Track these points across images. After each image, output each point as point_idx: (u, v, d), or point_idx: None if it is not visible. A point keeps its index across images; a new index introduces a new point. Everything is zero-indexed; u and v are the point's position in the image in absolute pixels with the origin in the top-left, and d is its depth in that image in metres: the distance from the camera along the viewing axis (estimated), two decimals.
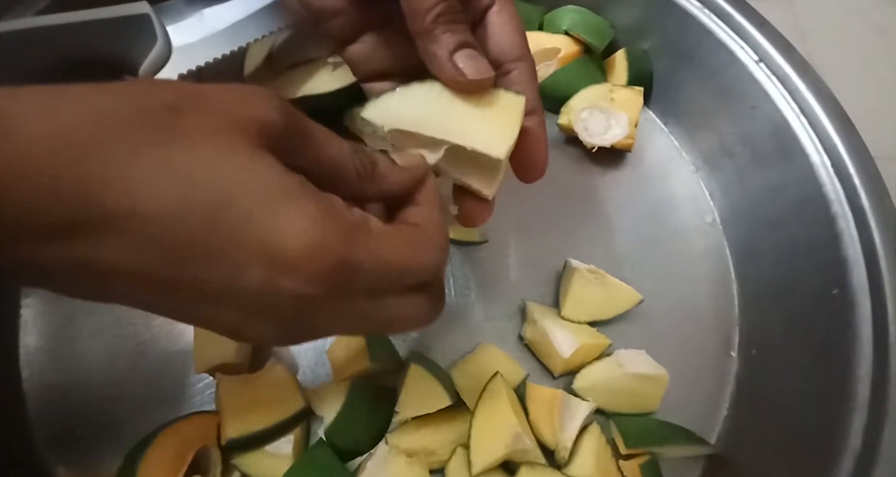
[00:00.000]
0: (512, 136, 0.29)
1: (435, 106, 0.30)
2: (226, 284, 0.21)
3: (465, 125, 0.29)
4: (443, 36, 0.29)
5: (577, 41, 0.54)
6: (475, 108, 0.30)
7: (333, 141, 0.25)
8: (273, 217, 0.20)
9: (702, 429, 0.45)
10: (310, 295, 0.21)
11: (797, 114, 0.46)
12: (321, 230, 0.21)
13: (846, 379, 0.40)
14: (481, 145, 0.29)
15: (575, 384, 0.44)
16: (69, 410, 0.44)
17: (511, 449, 0.39)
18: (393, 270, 0.24)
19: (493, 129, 0.29)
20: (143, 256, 0.20)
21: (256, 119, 0.22)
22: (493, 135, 0.29)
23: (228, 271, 0.20)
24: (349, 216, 0.23)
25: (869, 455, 0.37)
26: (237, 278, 0.21)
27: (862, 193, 0.43)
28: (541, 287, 0.48)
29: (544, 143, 0.33)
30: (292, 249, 0.21)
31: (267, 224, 0.20)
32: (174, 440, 0.39)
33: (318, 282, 0.21)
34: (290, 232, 0.21)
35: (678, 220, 0.53)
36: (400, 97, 0.30)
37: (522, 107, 0.30)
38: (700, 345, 0.48)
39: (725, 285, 0.51)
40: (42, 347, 0.45)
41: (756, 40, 0.49)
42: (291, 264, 0.21)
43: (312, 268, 0.21)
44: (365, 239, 0.23)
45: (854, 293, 0.41)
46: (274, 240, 0.20)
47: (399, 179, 0.28)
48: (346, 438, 0.41)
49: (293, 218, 0.21)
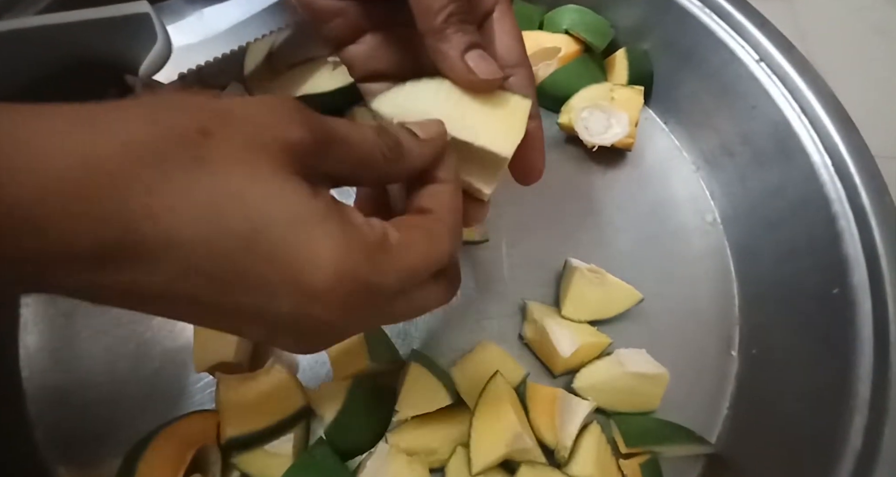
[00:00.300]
0: (518, 136, 0.30)
1: (444, 102, 0.30)
2: (259, 308, 0.22)
3: (473, 123, 0.29)
4: (454, 35, 0.29)
5: (578, 40, 0.54)
6: (483, 108, 0.30)
7: (357, 134, 0.25)
8: (301, 246, 0.21)
9: (702, 428, 0.45)
10: (335, 319, 0.23)
11: (798, 113, 0.46)
12: (347, 258, 0.22)
13: (847, 378, 0.39)
14: (489, 143, 0.29)
15: (575, 383, 0.44)
16: (69, 409, 0.44)
17: (511, 448, 0.39)
18: (414, 273, 0.25)
19: (500, 128, 0.30)
20: (179, 280, 0.20)
21: (284, 140, 0.22)
22: (500, 134, 0.29)
23: (262, 297, 0.21)
24: (371, 235, 0.24)
25: (869, 455, 0.37)
26: (269, 304, 0.21)
27: (862, 193, 0.43)
28: (541, 286, 0.48)
29: (542, 148, 0.33)
30: (320, 280, 0.21)
31: (295, 252, 0.21)
32: (174, 439, 0.39)
33: (344, 308, 0.22)
34: (317, 263, 0.21)
35: (678, 219, 0.53)
36: (410, 91, 0.31)
37: (528, 109, 0.30)
38: (700, 344, 0.48)
39: (726, 285, 0.51)
40: (42, 347, 0.45)
41: (756, 40, 0.49)
42: (319, 294, 0.22)
43: (339, 295, 0.22)
44: (387, 258, 0.24)
45: (855, 292, 0.41)
46: (302, 269, 0.21)
47: (422, 154, 0.28)
48: (346, 437, 0.41)
49: (319, 247, 0.21)
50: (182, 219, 0.20)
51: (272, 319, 0.22)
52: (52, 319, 0.46)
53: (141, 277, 0.20)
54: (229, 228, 0.20)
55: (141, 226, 0.19)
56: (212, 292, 0.21)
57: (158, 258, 0.20)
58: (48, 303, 0.46)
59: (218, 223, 0.20)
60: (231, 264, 0.20)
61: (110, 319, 0.46)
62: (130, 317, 0.46)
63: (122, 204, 0.19)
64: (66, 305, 0.46)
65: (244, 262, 0.20)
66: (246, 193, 0.21)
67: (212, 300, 0.21)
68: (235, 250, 0.20)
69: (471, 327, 0.46)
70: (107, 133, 0.19)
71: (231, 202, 0.20)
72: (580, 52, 0.54)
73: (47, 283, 0.19)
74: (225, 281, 0.21)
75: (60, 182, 0.18)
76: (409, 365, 0.42)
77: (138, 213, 0.19)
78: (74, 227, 0.18)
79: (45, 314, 0.46)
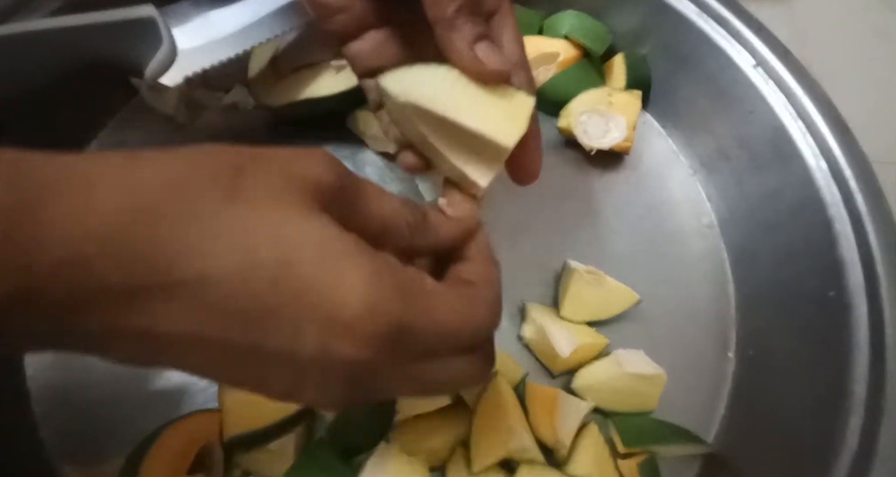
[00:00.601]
0: (521, 130, 0.30)
1: (451, 88, 0.30)
2: (283, 347, 0.21)
3: (478, 110, 0.30)
4: (465, 26, 0.30)
5: (577, 45, 0.54)
6: (489, 98, 0.30)
7: (384, 196, 0.26)
8: (330, 278, 0.20)
9: (699, 428, 0.45)
10: (363, 359, 0.21)
11: (794, 118, 0.46)
12: (377, 292, 0.21)
13: (843, 379, 0.40)
14: (493, 132, 0.29)
15: (574, 384, 0.44)
16: (74, 408, 0.44)
17: (510, 448, 0.39)
18: (448, 331, 0.24)
19: (504, 119, 0.30)
20: (207, 319, 0.20)
21: (313, 179, 0.22)
22: (503, 124, 0.29)
23: (286, 334, 0.20)
24: (404, 275, 0.23)
25: (865, 455, 0.37)
26: (294, 341, 0.21)
27: (858, 197, 0.43)
28: (540, 287, 0.49)
29: (539, 148, 0.34)
30: (349, 312, 0.20)
31: (325, 286, 0.20)
32: (177, 438, 0.39)
33: (373, 345, 0.21)
34: (347, 295, 0.20)
35: (676, 222, 0.53)
36: (418, 73, 0.31)
37: (533, 106, 0.30)
38: (697, 345, 0.49)
39: (722, 287, 0.51)
40: None
41: (753, 45, 0.49)
42: (347, 327, 0.21)
43: (368, 331, 0.21)
44: (421, 299, 0.23)
45: (851, 295, 0.41)
46: (331, 302, 0.20)
47: (450, 231, 0.28)
48: (347, 437, 0.41)
49: (350, 279, 0.21)
50: (212, 254, 0.20)
51: (299, 361, 0.21)
52: None
53: (165, 316, 0.19)
54: (258, 263, 0.20)
55: (171, 263, 0.19)
56: (236, 332, 0.20)
57: (179, 296, 0.19)
58: None
59: (250, 258, 0.20)
60: (258, 301, 0.20)
61: None
62: None
63: (159, 243, 0.19)
64: None
65: (272, 297, 0.20)
66: (278, 227, 0.20)
67: (235, 341, 0.20)
68: (263, 286, 0.20)
69: None
70: (146, 174, 0.20)
71: (263, 236, 0.20)
72: (579, 57, 0.54)
73: (73, 323, 0.19)
74: (250, 319, 0.20)
75: (101, 224, 0.18)
76: None
77: (171, 247, 0.19)
78: (109, 264, 0.18)
79: None
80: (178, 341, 0.20)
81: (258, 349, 0.21)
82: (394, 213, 0.26)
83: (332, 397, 0.23)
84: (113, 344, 0.20)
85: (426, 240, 0.27)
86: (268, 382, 0.22)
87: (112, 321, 0.19)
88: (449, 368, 0.25)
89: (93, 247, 0.18)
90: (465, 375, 0.26)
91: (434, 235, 0.27)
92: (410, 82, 0.30)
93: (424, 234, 0.27)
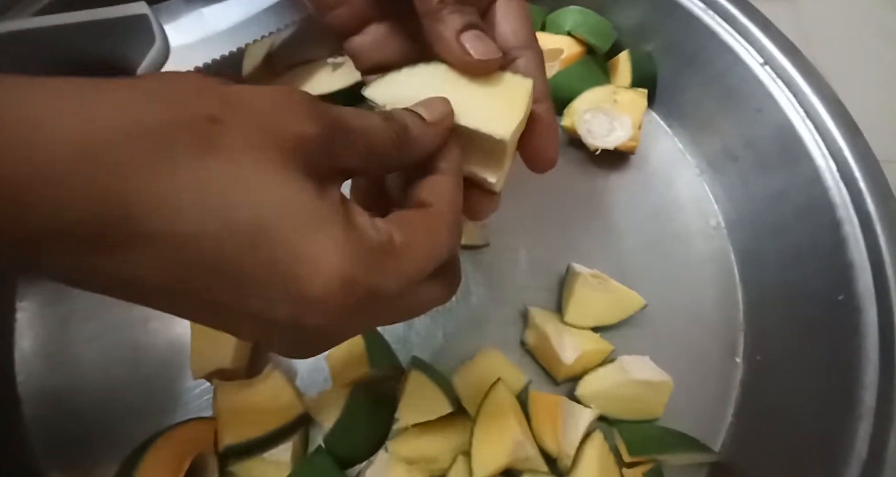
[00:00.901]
0: (516, 117, 0.28)
1: (441, 87, 0.29)
2: (257, 312, 0.21)
3: (468, 106, 0.28)
4: (450, 16, 0.29)
5: (580, 42, 0.53)
6: (480, 90, 0.29)
7: (365, 122, 0.25)
8: (302, 251, 0.21)
9: (706, 436, 0.45)
10: (333, 326, 0.22)
11: (802, 117, 0.46)
12: (350, 265, 0.21)
13: (852, 386, 0.39)
14: (484, 126, 0.28)
15: (578, 391, 0.44)
16: (65, 414, 0.43)
17: (513, 457, 0.39)
18: (415, 276, 0.24)
19: (497, 110, 0.28)
20: (182, 275, 0.20)
21: (294, 134, 0.22)
22: (497, 116, 0.28)
23: (261, 302, 0.21)
24: (375, 239, 0.23)
25: (875, 463, 0.37)
26: (268, 310, 0.21)
27: (867, 198, 0.43)
28: (543, 292, 0.48)
29: (554, 131, 0.32)
30: (318, 289, 0.21)
31: (296, 258, 0.20)
32: (171, 447, 0.39)
33: (343, 315, 0.22)
34: (318, 269, 0.21)
35: (682, 223, 0.52)
36: (404, 77, 0.30)
37: (529, 89, 0.29)
38: (704, 351, 0.48)
39: (730, 290, 0.50)
40: (38, 352, 0.45)
41: (761, 43, 0.48)
42: (316, 302, 0.21)
43: (338, 303, 0.21)
44: (391, 262, 0.23)
45: (860, 299, 0.41)
46: (301, 278, 0.21)
47: (431, 138, 0.27)
48: (345, 446, 0.40)
49: (324, 252, 0.21)
50: (186, 209, 0.19)
51: (269, 324, 0.22)
52: (48, 324, 0.45)
53: (138, 266, 0.19)
54: (236, 225, 0.20)
55: (140, 211, 0.18)
56: (211, 291, 0.20)
57: (157, 247, 0.19)
58: (44, 306, 0.46)
59: (224, 219, 0.19)
60: (234, 266, 0.20)
61: (107, 323, 0.45)
62: (128, 322, 0.45)
63: (121, 185, 0.18)
64: (63, 310, 0.46)
65: (248, 262, 0.20)
66: (255, 190, 0.20)
67: (210, 298, 0.21)
68: (241, 249, 0.20)
69: (472, 334, 0.46)
70: (113, 114, 0.19)
71: (238, 196, 0.20)
72: (583, 54, 0.53)
73: (43, 265, 0.19)
74: (225, 281, 0.20)
75: (56, 159, 0.17)
76: (410, 372, 0.41)
77: (138, 197, 0.18)
78: (69, 203, 0.18)
79: (41, 318, 0.46)
80: (153, 290, 0.20)
81: (230, 307, 0.21)
82: (378, 136, 0.25)
83: (305, 350, 0.24)
84: (88, 284, 0.20)
85: (409, 152, 0.26)
86: (240, 333, 0.23)
87: (81, 263, 0.19)
88: (416, 300, 0.26)
89: (40, 185, 0.17)
90: (433, 299, 0.27)
91: (416, 146, 0.27)
92: (397, 88, 0.29)
93: (407, 148, 0.26)
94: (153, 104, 0.19)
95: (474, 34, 0.29)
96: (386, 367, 0.42)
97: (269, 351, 0.24)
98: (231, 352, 0.41)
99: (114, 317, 0.45)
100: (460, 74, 0.29)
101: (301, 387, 0.43)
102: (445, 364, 0.44)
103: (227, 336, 0.41)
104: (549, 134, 0.31)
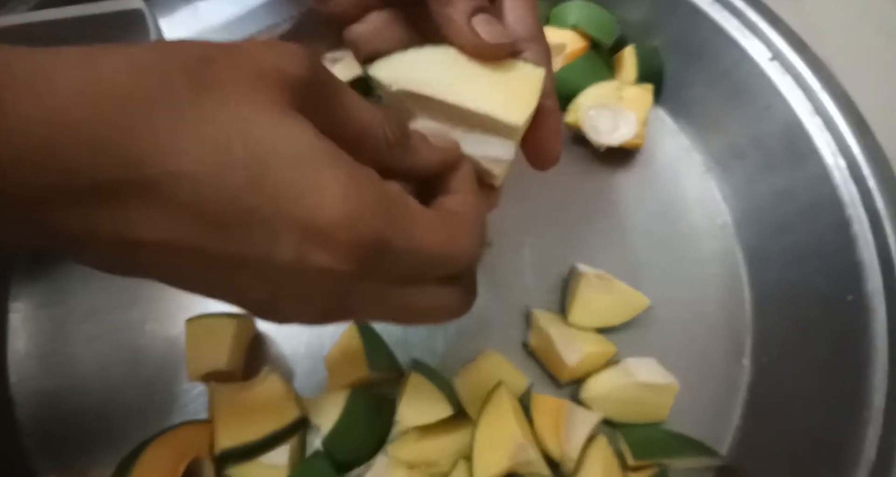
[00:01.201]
0: (530, 105, 0.27)
1: (449, 69, 0.28)
2: (260, 254, 0.20)
3: (480, 90, 0.27)
4: (460, 0, 0.28)
5: (584, 36, 0.52)
6: (492, 76, 0.28)
7: (364, 104, 0.24)
8: (308, 183, 0.20)
9: (712, 439, 0.44)
10: (340, 271, 0.21)
11: (811, 114, 0.45)
12: (356, 200, 0.20)
13: (861, 388, 0.39)
14: (497, 111, 0.27)
15: (581, 394, 0.43)
16: (59, 416, 0.43)
17: (515, 460, 0.38)
18: (430, 255, 0.23)
19: (509, 96, 0.28)
20: (182, 223, 0.19)
21: (285, 72, 0.21)
22: (509, 101, 0.27)
23: (263, 239, 0.20)
24: (386, 189, 0.22)
25: (884, 466, 0.37)
26: (271, 248, 0.20)
27: (877, 196, 0.42)
28: (546, 293, 0.47)
29: (559, 126, 0.31)
30: (327, 219, 0.20)
31: (302, 190, 0.20)
32: (166, 450, 0.39)
33: (350, 256, 0.21)
34: (326, 201, 0.20)
35: (688, 222, 0.51)
36: (411, 57, 0.29)
37: (542, 78, 0.28)
38: (710, 352, 0.47)
39: (737, 290, 0.50)
40: (31, 353, 0.45)
41: (769, 37, 0.48)
42: (324, 236, 0.20)
43: (344, 240, 0.20)
44: (402, 216, 0.22)
45: (869, 299, 0.40)
46: (309, 208, 0.20)
47: (430, 155, 0.27)
48: (343, 449, 0.40)
49: (328, 185, 0.20)
50: (185, 149, 0.19)
51: (276, 269, 0.21)
52: (42, 325, 0.45)
53: (140, 216, 0.19)
54: (234, 163, 0.19)
55: (145, 158, 0.18)
56: (213, 238, 0.20)
57: (159, 194, 0.19)
58: (38, 307, 0.46)
59: (223, 157, 0.19)
60: (234, 202, 0.19)
61: (103, 325, 0.45)
62: (124, 322, 0.45)
63: (127, 133, 0.18)
64: (57, 310, 0.45)
65: (248, 198, 0.19)
66: (251, 126, 0.20)
67: (212, 248, 0.20)
68: (240, 184, 0.19)
69: (473, 335, 0.45)
70: (111, 60, 0.19)
71: (233, 132, 0.19)
72: (587, 49, 0.53)
73: (46, 223, 0.19)
74: (226, 222, 0.20)
75: (64, 110, 0.18)
76: (410, 374, 0.41)
77: (141, 141, 0.18)
78: (76, 156, 0.18)
79: (35, 320, 0.45)
80: (155, 249, 0.20)
81: (235, 256, 0.20)
82: (373, 122, 0.24)
83: (308, 311, 0.23)
84: (88, 249, 0.20)
85: (404, 159, 0.26)
86: (243, 293, 0.22)
87: (85, 224, 0.19)
88: (428, 296, 0.25)
89: (57, 135, 0.17)
90: (443, 306, 0.26)
91: (413, 156, 0.26)
92: (402, 68, 0.28)
93: (403, 153, 0.26)
94: (151, 52, 0.20)
95: (485, 18, 0.28)
96: (385, 369, 0.42)
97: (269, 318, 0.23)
98: (226, 354, 0.40)
99: (110, 318, 0.45)
100: (470, 59, 0.28)
101: (299, 389, 0.42)
102: (446, 366, 0.44)
103: (222, 336, 0.41)
104: (554, 129, 0.31)
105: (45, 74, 0.18)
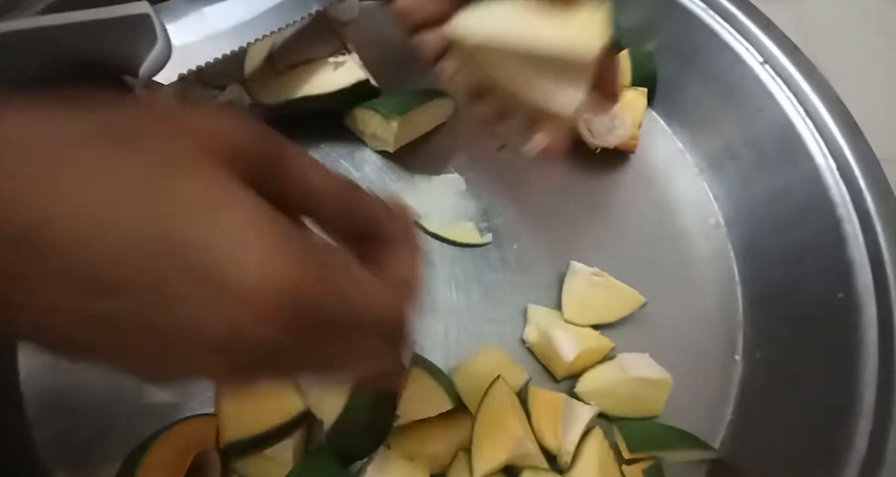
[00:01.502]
0: (601, 39, 0.29)
1: (521, 17, 0.29)
2: (186, 330, 0.18)
3: (552, 32, 0.29)
4: None
5: None
6: (560, 17, 0.29)
7: (313, 165, 0.23)
8: (228, 247, 0.17)
9: (706, 433, 0.45)
10: (271, 337, 0.18)
11: (802, 116, 0.46)
12: (286, 263, 0.18)
13: (851, 383, 0.39)
14: (572, 48, 0.29)
15: (578, 388, 0.44)
16: (68, 411, 0.43)
17: (513, 454, 0.39)
18: (360, 313, 0.21)
19: (581, 33, 0.29)
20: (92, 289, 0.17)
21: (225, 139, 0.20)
22: (581, 38, 0.29)
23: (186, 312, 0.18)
24: (317, 247, 0.20)
25: (874, 460, 0.37)
26: (196, 321, 0.18)
27: (867, 196, 0.43)
28: (543, 290, 0.48)
29: (618, 67, 0.34)
30: (248, 284, 0.17)
31: (223, 255, 0.17)
32: (173, 444, 0.39)
33: (281, 323, 0.18)
34: (246, 264, 0.17)
35: (682, 222, 0.52)
36: (482, 11, 0.30)
37: (606, 15, 0.30)
38: (704, 348, 0.48)
39: (730, 288, 0.50)
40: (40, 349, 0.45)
41: (761, 42, 0.49)
42: (247, 301, 0.18)
43: (272, 305, 0.18)
44: (333, 275, 0.20)
45: (860, 297, 0.41)
46: (228, 274, 0.17)
47: (380, 208, 0.25)
48: (346, 442, 0.40)
49: (255, 247, 0.18)
50: (94, 210, 0.17)
51: (204, 343, 0.18)
52: None
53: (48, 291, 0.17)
54: (147, 227, 0.17)
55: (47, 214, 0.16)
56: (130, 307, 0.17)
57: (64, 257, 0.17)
58: None
59: (137, 219, 0.17)
60: (151, 272, 0.17)
61: None
62: None
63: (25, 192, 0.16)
64: None
65: (165, 270, 0.17)
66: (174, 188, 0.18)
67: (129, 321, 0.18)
68: (153, 255, 0.17)
69: (472, 331, 0.46)
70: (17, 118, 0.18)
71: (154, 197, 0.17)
72: None
73: None
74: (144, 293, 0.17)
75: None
76: (410, 369, 0.41)
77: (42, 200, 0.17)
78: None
79: None
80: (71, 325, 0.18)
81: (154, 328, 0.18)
82: (323, 186, 0.23)
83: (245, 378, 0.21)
84: None
85: (355, 213, 0.24)
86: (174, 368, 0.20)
87: None
88: (359, 350, 0.22)
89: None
90: (375, 358, 0.23)
91: (363, 209, 0.24)
92: (476, 23, 0.30)
93: (354, 207, 0.24)
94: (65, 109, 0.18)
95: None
96: None
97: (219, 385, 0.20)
98: None
99: None
100: (538, 5, 0.30)
101: (302, 384, 0.43)
102: (446, 361, 0.44)
103: None
104: (613, 68, 0.34)
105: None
